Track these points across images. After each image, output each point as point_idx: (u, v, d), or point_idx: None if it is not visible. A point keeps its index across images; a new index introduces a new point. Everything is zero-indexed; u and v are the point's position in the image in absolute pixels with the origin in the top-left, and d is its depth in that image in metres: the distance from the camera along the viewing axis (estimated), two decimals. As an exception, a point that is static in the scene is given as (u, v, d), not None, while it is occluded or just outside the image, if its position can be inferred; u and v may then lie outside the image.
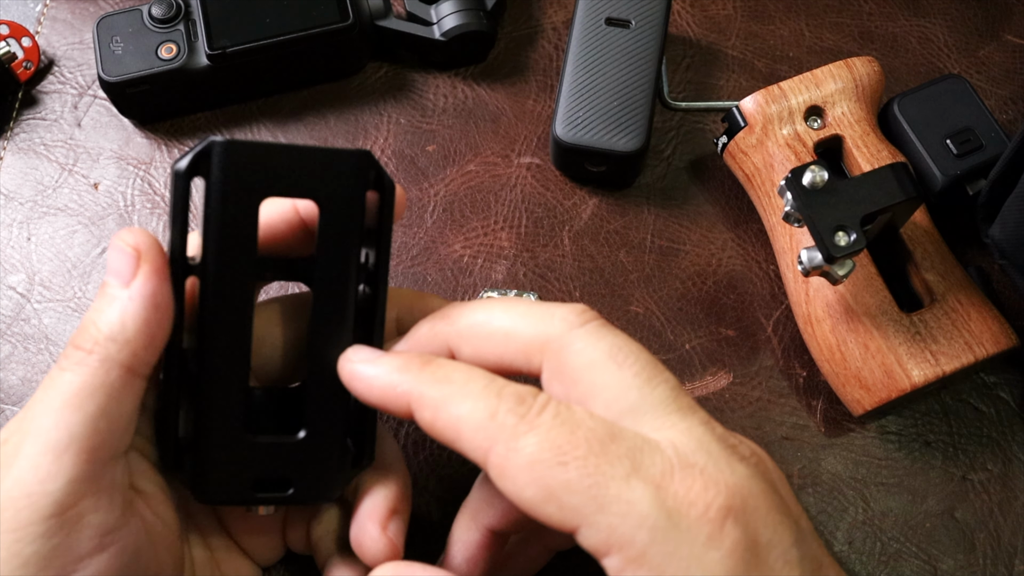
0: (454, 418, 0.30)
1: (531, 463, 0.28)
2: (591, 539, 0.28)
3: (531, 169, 0.49)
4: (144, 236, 0.32)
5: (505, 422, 0.29)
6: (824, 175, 0.38)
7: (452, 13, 0.49)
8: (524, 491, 0.28)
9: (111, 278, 0.31)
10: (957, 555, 0.42)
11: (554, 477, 0.28)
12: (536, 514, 0.29)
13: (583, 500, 0.27)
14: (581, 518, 0.28)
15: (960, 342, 0.41)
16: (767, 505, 0.29)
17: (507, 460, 0.28)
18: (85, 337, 0.31)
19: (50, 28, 0.53)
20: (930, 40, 0.52)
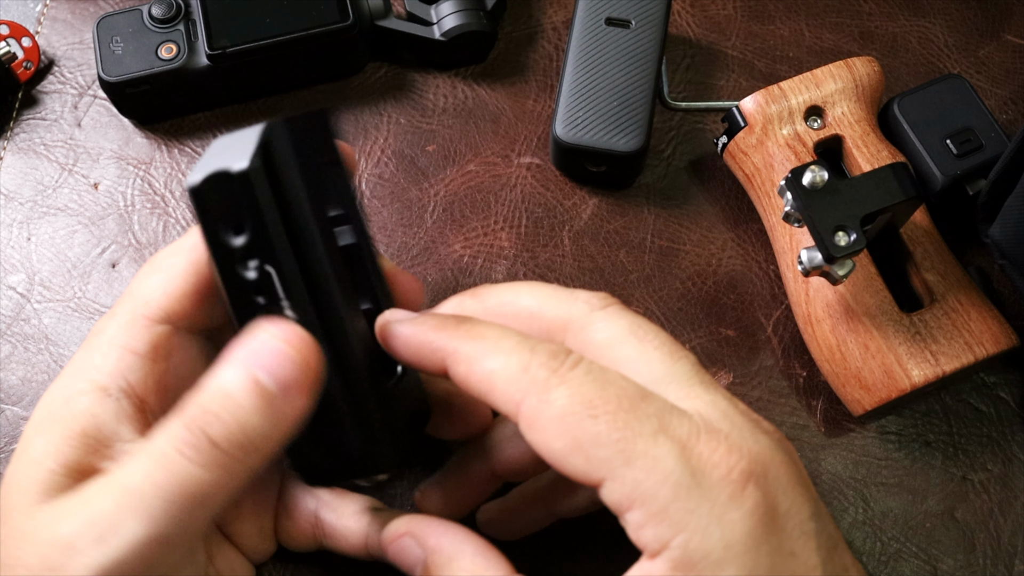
0: (487, 372, 0.30)
1: (562, 415, 0.29)
2: (614, 493, 0.28)
3: (531, 169, 0.49)
4: (316, 353, 0.30)
5: (537, 375, 0.29)
6: (824, 175, 0.38)
7: (452, 13, 0.49)
8: (553, 443, 0.29)
9: (268, 379, 0.29)
10: (957, 555, 0.42)
11: (584, 429, 0.28)
12: (562, 466, 0.29)
13: (610, 453, 0.28)
14: (607, 471, 0.28)
15: (960, 342, 0.41)
16: (787, 476, 0.29)
17: (538, 412, 0.29)
18: (231, 440, 0.29)
19: (50, 28, 0.53)
20: (930, 40, 0.52)
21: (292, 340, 0.29)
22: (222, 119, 0.50)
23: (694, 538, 0.27)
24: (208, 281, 0.33)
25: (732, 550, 0.27)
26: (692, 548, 0.27)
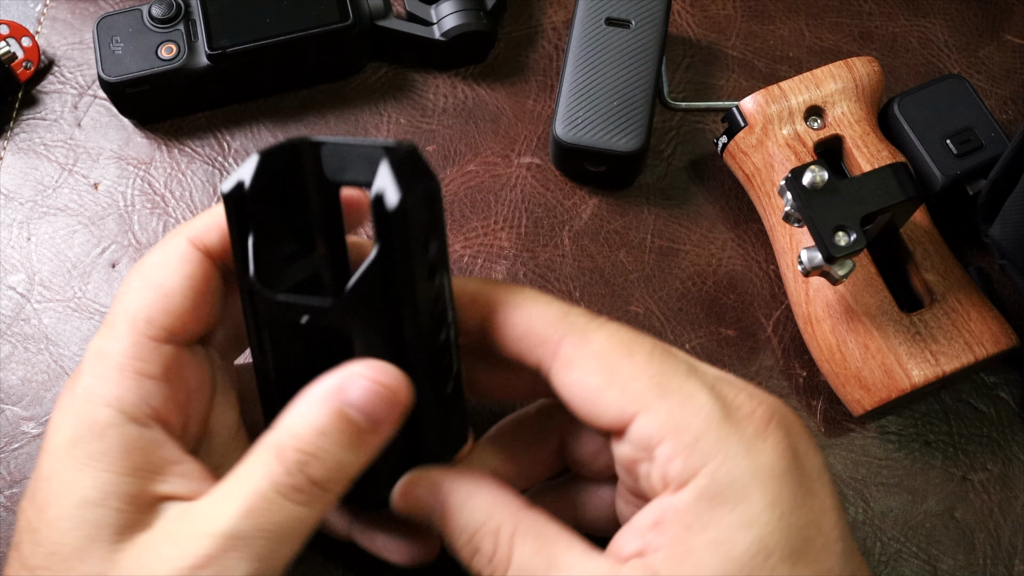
0: (527, 315, 0.32)
1: (600, 352, 0.31)
2: (647, 427, 0.29)
3: (531, 169, 0.49)
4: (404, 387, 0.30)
5: (577, 321, 0.31)
6: (824, 175, 0.38)
7: (452, 13, 0.49)
8: (590, 378, 0.30)
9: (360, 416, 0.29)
10: (957, 555, 0.42)
11: (621, 364, 0.30)
12: (596, 403, 0.30)
13: (646, 386, 0.30)
14: (642, 404, 0.30)
15: (960, 342, 0.41)
16: (800, 426, 0.31)
17: (577, 350, 0.31)
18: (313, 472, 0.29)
19: (50, 28, 0.53)
20: (930, 40, 0.52)
21: (381, 379, 0.30)
22: (222, 119, 0.50)
23: (723, 466, 0.28)
24: (204, 293, 0.33)
25: (758, 476, 0.28)
26: (720, 475, 0.28)
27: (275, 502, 0.29)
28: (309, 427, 0.29)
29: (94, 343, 0.32)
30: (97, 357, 0.32)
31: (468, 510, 0.31)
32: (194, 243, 0.33)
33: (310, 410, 0.29)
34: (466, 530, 0.31)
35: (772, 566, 0.28)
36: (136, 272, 0.33)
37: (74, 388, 0.31)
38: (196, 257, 0.33)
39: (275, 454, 0.29)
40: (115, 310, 0.32)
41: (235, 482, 0.29)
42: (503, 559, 0.30)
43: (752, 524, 0.28)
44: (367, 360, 0.30)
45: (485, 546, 0.31)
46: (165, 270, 0.32)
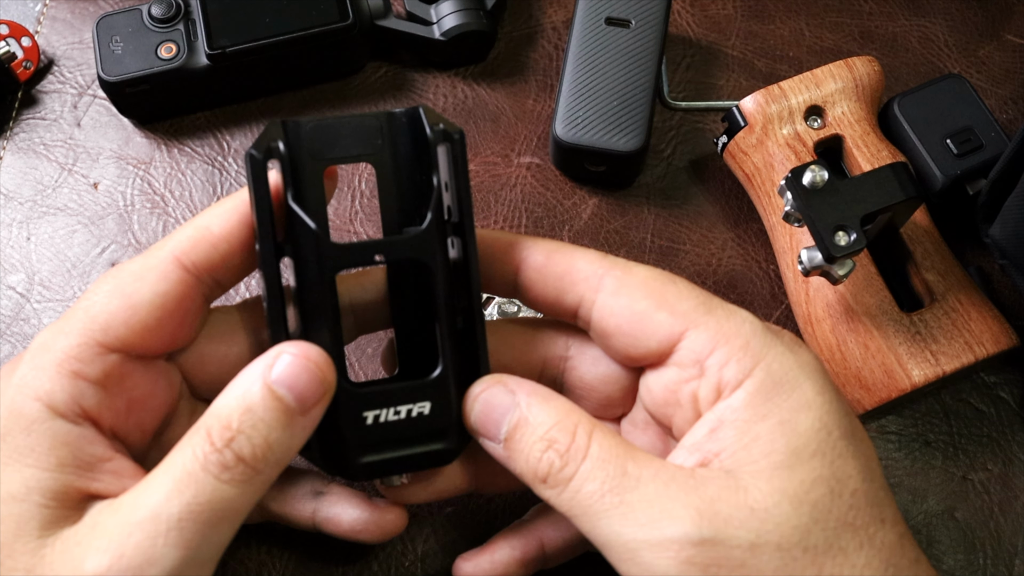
0: (568, 256, 0.33)
1: (645, 280, 0.32)
2: (697, 340, 0.31)
3: (531, 169, 0.49)
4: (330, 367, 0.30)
5: (617, 261, 0.33)
6: (824, 175, 0.38)
7: (452, 13, 0.49)
8: (638, 303, 0.32)
9: (287, 393, 0.29)
10: (957, 555, 0.42)
11: (667, 288, 0.32)
12: (642, 326, 0.32)
13: (693, 305, 0.32)
14: (689, 321, 0.31)
15: (960, 342, 0.41)
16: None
17: (623, 280, 0.32)
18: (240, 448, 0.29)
19: (50, 28, 0.53)
20: (930, 40, 0.52)
21: (310, 356, 0.30)
22: (222, 119, 0.50)
23: (774, 363, 0.31)
24: (174, 313, 0.32)
25: (805, 370, 0.31)
26: (774, 369, 0.30)
27: (201, 480, 0.28)
28: (237, 405, 0.29)
29: (46, 332, 0.31)
30: (41, 348, 0.31)
31: (548, 408, 0.31)
32: (180, 259, 0.32)
33: (239, 389, 0.29)
34: (543, 424, 0.31)
35: (834, 442, 0.30)
36: (111, 275, 0.32)
37: (10, 375, 0.31)
38: (176, 276, 0.32)
39: (202, 434, 0.29)
40: (78, 306, 0.32)
41: (163, 467, 0.29)
42: (580, 449, 0.30)
43: (810, 406, 0.30)
44: (294, 341, 0.30)
45: (562, 438, 0.31)
46: (139, 282, 0.32)
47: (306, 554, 0.41)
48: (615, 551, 0.29)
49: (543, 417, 0.31)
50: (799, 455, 0.29)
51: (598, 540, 0.30)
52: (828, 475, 0.29)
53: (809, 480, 0.29)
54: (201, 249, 0.32)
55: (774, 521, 0.28)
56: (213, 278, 0.33)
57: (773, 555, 0.28)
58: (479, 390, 0.32)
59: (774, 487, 0.29)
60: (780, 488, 0.29)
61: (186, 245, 0.32)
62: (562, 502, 0.30)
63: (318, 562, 0.41)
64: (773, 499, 0.28)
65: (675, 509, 0.28)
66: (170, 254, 0.32)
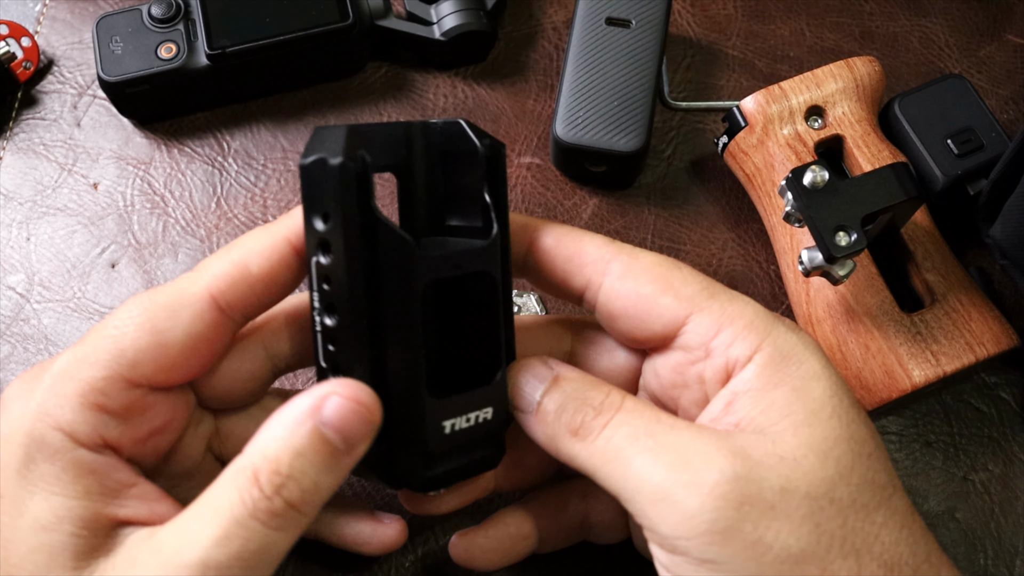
0: (577, 239, 0.34)
1: (651, 265, 0.33)
2: (702, 323, 0.32)
3: (531, 169, 0.49)
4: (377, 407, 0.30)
5: (623, 247, 0.34)
6: (825, 175, 0.37)
7: (452, 13, 0.49)
8: (644, 287, 0.33)
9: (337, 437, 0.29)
10: (958, 556, 0.42)
11: (672, 273, 0.33)
12: (648, 310, 0.33)
13: (697, 289, 0.33)
14: (694, 305, 0.32)
15: (961, 342, 0.41)
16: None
17: (629, 265, 0.33)
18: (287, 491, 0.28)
19: (49, 28, 0.53)
20: (931, 40, 0.52)
21: (360, 399, 0.29)
22: (222, 119, 0.50)
23: (779, 339, 0.31)
24: (204, 352, 0.31)
25: (808, 346, 0.32)
26: (780, 343, 0.31)
27: (251, 528, 0.28)
28: (286, 448, 0.28)
29: (69, 357, 0.30)
30: (64, 376, 0.30)
31: (582, 375, 0.33)
32: (216, 299, 0.31)
33: (285, 431, 0.28)
34: (580, 390, 0.32)
35: (846, 408, 0.31)
36: (143, 305, 0.31)
37: (29, 398, 0.30)
38: (210, 317, 0.31)
39: (250, 477, 0.28)
40: (104, 332, 0.30)
41: (206, 507, 0.28)
42: (615, 403, 0.31)
43: (819, 376, 0.31)
44: (338, 379, 0.30)
45: (597, 396, 0.32)
46: (172, 320, 0.31)
47: (307, 555, 0.41)
48: (644, 495, 0.29)
49: (581, 381, 0.32)
50: (817, 415, 0.30)
51: (627, 486, 0.30)
52: (847, 436, 0.30)
53: (832, 438, 0.30)
54: (239, 291, 0.31)
55: (802, 470, 0.29)
56: (245, 316, 0.32)
57: (802, 502, 0.28)
58: (519, 365, 0.33)
59: (800, 440, 0.30)
60: (806, 442, 0.30)
61: (223, 284, 0.31)
62: (594, 450, 0.31)
63: (318, 564, 0.41)
64: (800, 451, 0.29)
65: (709, 451, 0.29)
66: (206, 292, 0.31)
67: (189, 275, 0.31)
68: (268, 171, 0.49)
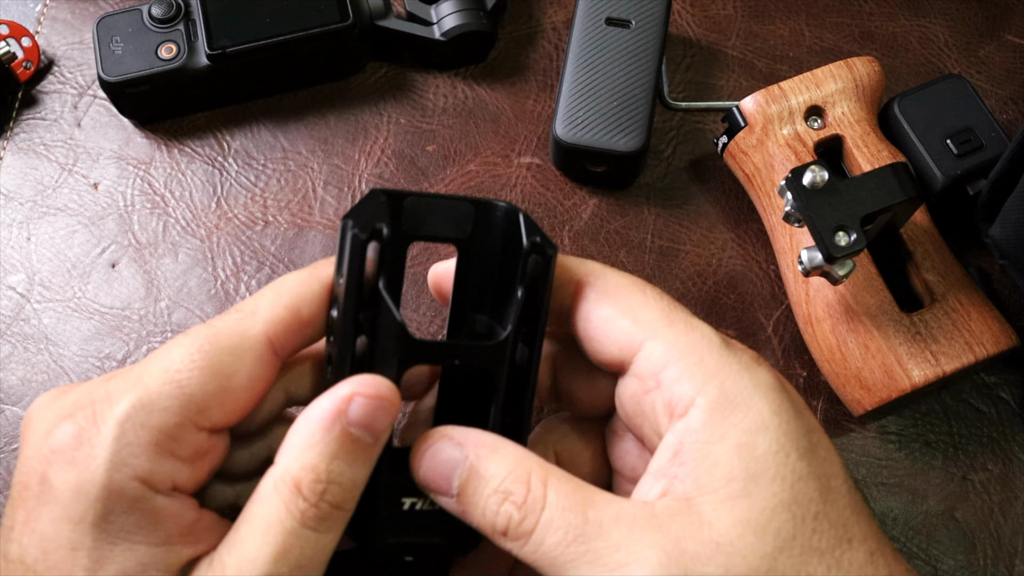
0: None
1: (615, 287, 0.33)
2: (654, 351, 0.31)
3: (531, 169, 0.49)
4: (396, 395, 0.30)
5: (593, 267, 0.33)
6: (824, 175, 0.37)
7: (452, 13, 0.49)
8: (604, 309, 0.32)
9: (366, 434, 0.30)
10: (957, 555, 0.42)
11: (634, 296, 0.32)
12: (606, 331, 0.32)
13: (655, 316, 0.32)
14: (650, 332, 0.31)
15: (960, 342, 0.41)
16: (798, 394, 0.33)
17: (594, 286, 0.33)
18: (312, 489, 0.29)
19: (50, 28, 0.53)
20: (930, 40, 0.52)
21: (383, 394, 0.30)
22: (222, 119, 0.50)
23: (728, 381, 0.30)
24: (261, 395, 0.32)
25: (760, 389, 0.30)
26: (727, 388, 0.30)
27: (304, 537, 0.29)
28: (320, 455, 0.29)
29: (134, 399, 0.30)
30: (134, 423, 0.30)
31: (498, 458, 0.31)
32: (272, 343, 0.31)
33: (316, 438, 0.29)
34: (496, 477, 0.30)
35: (792, 464, 0.29)
36: (204, 348, 0.31)
37: (92, 447, 0.30)
38: (268, 360, 0.31)
39: (292, 489, 0.29)
40: (170, 377, 0.30)
41: (256, 524, 0.29)
42: (537, 500, 0.30)
43: (766, 427, 0.30)
44: (357, 377, 0.30)
45: (518, 490, 0.30)
46: (237, 364, 0.31)
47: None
48: None
49: (494, 468, 0.30)
50: (758, 480, 0.29)
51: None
52: (789, 499, 0.29)
53: (770, 507, 0.29)
54: (291, 335, 0.32)
55: (740, 554, 0.28)
56: (289, 357, 0.33)
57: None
58: (425, 445, 0.31)
59: (736, 518, 0.29)
60: (743, 519, 0.29)
61: (279, 329, 0.31)
62: (526, 554, 0.30)
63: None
64: (736, 531, 0.28)
65: (642, 551, 0.28)
66: (264, 336, 0.31)
67: (244, 316, 0.32)
68: (268, 171, 0.49)
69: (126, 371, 0.31)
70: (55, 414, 0.30)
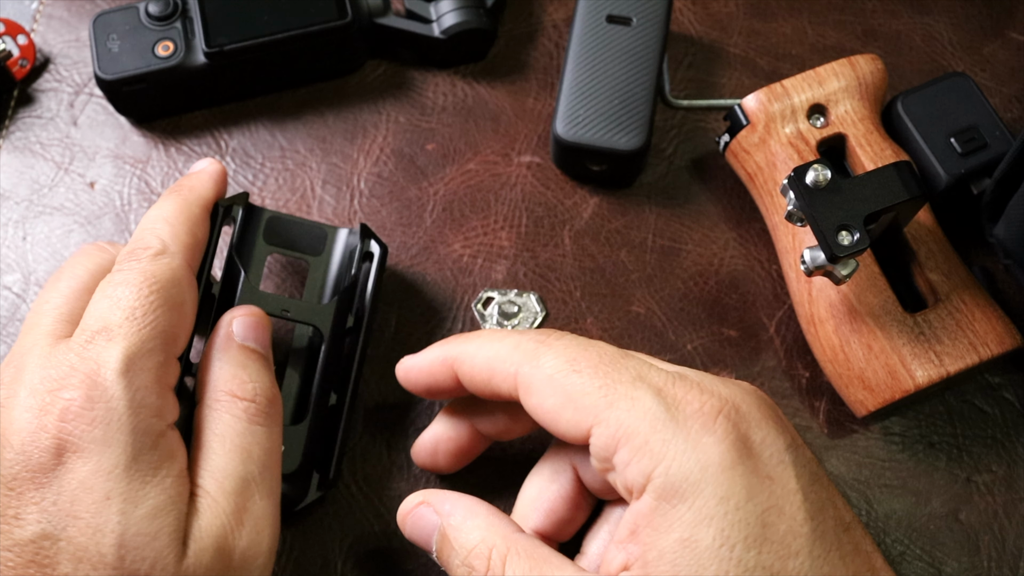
0: (486, 358, 0.35)
1: (551, 375, 0.33)
2: (602, 436, 0.31)
3: (531, 168, 0.49)
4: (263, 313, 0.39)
5: (527, 348, 0.34)
6: (827, 174, 0.37)
7: (452, 11, 0.49)
8: (546, 401, 0.33)
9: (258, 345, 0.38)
10: (961, 557, 0.41)
11: (571, 383, 0.32)
12: (557, 422, 0.32)
13: (595, 400, 0.32)
14: (593, 417, 0.31)
15: (964, 342, 0.40)
16: (760, 412, 0.32)
17: (531, 376, 0.33)
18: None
19: (46, 26, 0.52)
20: (934, 38, 0.52)
21: (249, 311, 0.38)
22: (220, 117, 0.50)
23: (673, 464, 0.30)
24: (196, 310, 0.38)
25: (708, 471, 0.30)
26: (672, 474, 0.30)
27: (256, 433, 0.35)
28: (234, 365, 0.36)
29: (126, 349, 0.33)
30: (137, 367, 0.33)
31: (466, 530, 0.33)
32: (191, 266, 0.37)
33: (225, 356, 0.36)
34: (462, 549, 0.33)
35: (738, 556, 0.29)
36: (156, 287, 0.35)
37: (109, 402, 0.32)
38: (193, 281, 0.37)
39: (229, 397, 0.35)
40: (145, 322, 0.34)
41: (214, 439, 0.34)
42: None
43: (711, 519, 0.29)
44: (234, 309, 0.38)
45: (479, 566, 0.32)
46: (182, 293, 0.36)
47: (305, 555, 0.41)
48: None
49: (463, 539, 0.34)
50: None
51: None
52: None
53: None
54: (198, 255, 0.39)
55: None
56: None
57: None
58: (407, 509, 0.36)
59: None
60: None
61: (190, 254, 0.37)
62: None
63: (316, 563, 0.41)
64: None
65: None
66: (186, 264, 0.37)
67: (164, 253, 0.36)
68: (266, 170, 0.49)
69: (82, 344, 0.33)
70: (36, 400, 0.32)
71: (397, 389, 0.41)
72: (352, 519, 0.41)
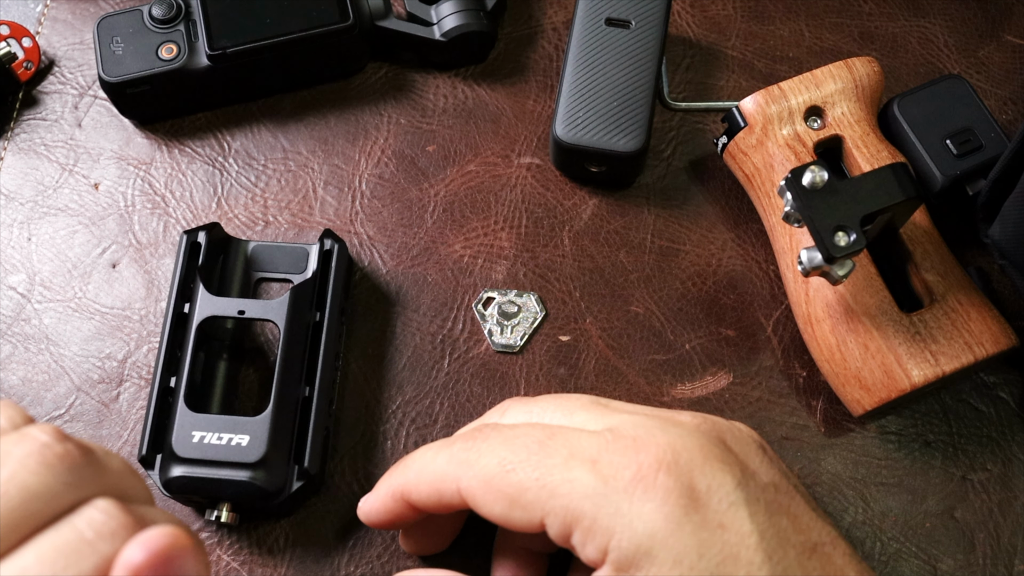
0: (429, 482, 0.34)
1: (487, 481, 0.32)
2: (554, 526, 0.31)
3: (531, 169, 0.49)
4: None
5: (461, 458, 0.33)
6: (824, 175, 0.38)
7: (452, 13, 0.49)
8: (494, 507, 0.32)
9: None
10: (957, 555, 0.42)
11: (509, 484, 0.32)
12: (512, 524, 0.32)
13: (536, 494, 0.31)
14: (541, 510, 0.31)
15: (960, 342, 0.41)
16: (702, 456, 0.31)
17: (472, 488, 0.33)
18: None
19: (50, 28, 0.53)
20: (930, 40, 0.52)
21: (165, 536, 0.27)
22: (223, 119, 0.50)
23: (624, 537, 0.30)
24: None
25: (656, 537, 0.29)
26: (624, 548, 0.30)
27: None
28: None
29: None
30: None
31: None
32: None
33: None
34: None
35: None
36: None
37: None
38: None
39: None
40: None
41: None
42: None
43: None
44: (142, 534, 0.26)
45: None
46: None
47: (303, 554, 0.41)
48: None
49: None
50: None
51: None
52: None
53: None
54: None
55: None
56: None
57: None
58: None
59: None
60: None
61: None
62: None
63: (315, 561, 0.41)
64: None
65: None
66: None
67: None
68: (269, 171, 0.49)
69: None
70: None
71: (397, 387, 0.41)
72: (352, 515, 0.42)
